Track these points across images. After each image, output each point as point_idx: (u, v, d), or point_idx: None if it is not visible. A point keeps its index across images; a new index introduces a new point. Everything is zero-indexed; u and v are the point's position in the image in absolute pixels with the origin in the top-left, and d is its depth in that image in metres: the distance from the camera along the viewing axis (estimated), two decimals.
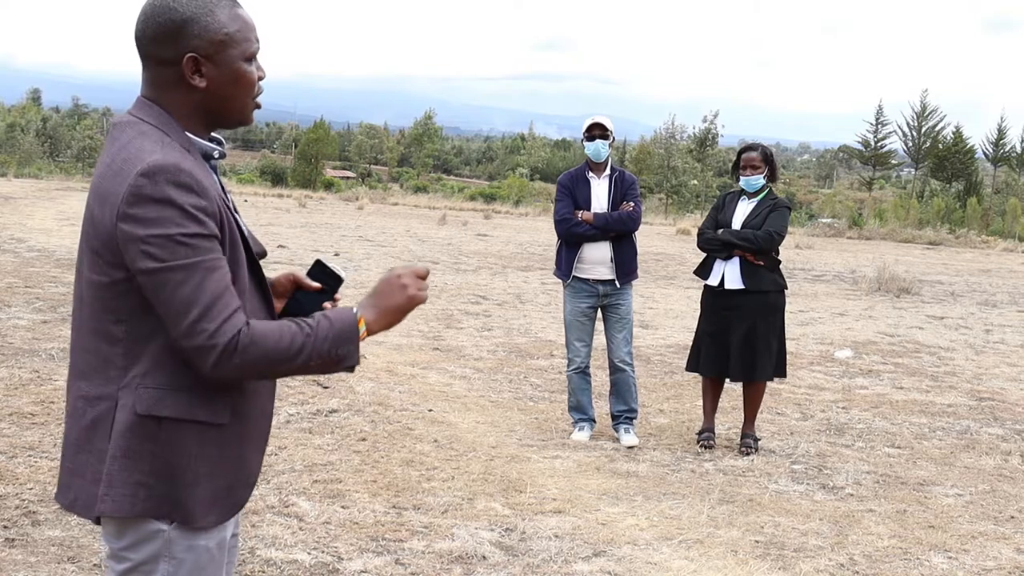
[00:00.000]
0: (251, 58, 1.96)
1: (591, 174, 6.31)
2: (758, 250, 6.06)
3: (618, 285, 6.22)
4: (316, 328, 1.87)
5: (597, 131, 6.27)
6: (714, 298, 6.16)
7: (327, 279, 2.11)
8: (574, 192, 6.26)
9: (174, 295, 1.78)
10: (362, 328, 1.92)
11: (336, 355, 1.89)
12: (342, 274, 2.11)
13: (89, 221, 1.88)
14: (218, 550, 1.97)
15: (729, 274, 6.10)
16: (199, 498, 1.90)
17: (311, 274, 2.12)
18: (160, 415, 1.85)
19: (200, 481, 1.90)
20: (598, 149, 6.26)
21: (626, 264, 6.24)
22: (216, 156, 1.98)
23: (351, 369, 1.93)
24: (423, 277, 2.01)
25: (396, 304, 1.98)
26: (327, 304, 2.09)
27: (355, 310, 1.93)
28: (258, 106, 2.02)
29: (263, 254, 2.13)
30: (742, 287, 6.06)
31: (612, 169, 6.34)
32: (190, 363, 1.83)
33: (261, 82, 2.01)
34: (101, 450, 1.88)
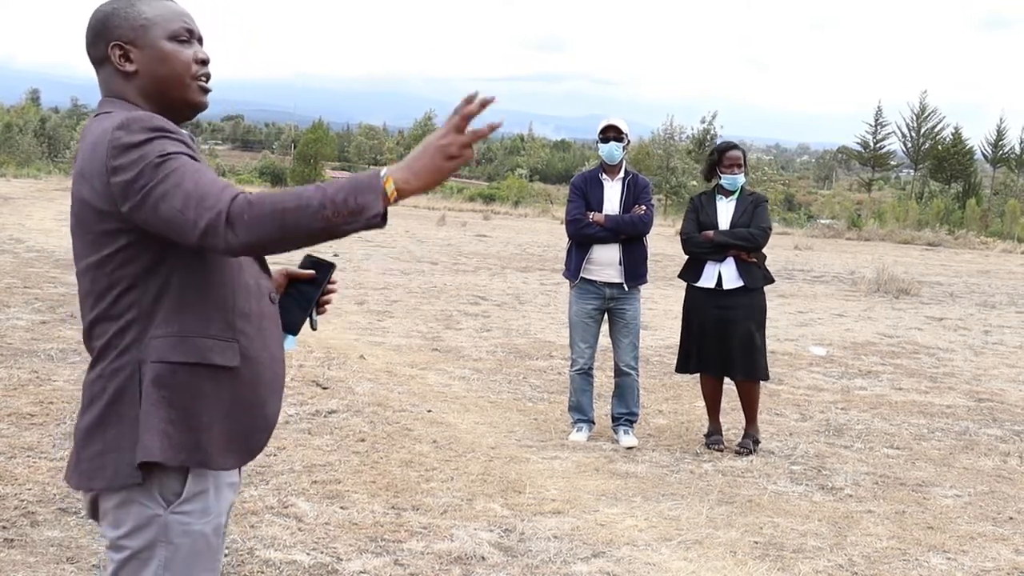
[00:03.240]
0: (176, 37, 2.03)
1: (604, 176, 6.30)
2: (755, 248, 6.09)
3: (626, 288, 6.20)
4: (333, 184, 1.82)
5: (611, 133, 6.24)
6: (708, 299, 6.14)
7: (319, 268, 2.22)
8: (587, 193, 6.25)
9: (172, 202, 1.83)
10: (389, 185, 1.80)
11: (356, 204, 1.78)
12: (333, 260, 2.23)
13: (79, 207, 1.96)
14: (214, 535, 2.01)
15: (726, 274, 6.10)
16: (215, 440, 1.97)
17: (303, 266, 2.23)
18: (172, 360, 1.93)
19: (215, 423, 1.97)
20: (612, 151, 6.24)
21: (635, 267, 6.22)
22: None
23: (378, 223, 1.80)
24: (463, 130, 1.83)
25: (432, 164, 1.83)
26: (328, 288, 2.21)
27: (383, 170, 1.83)
28: (205, 90, 2.08)
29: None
30: (741, 285, 6.08)
31: (626, 172, 6.32)
32: (210, 249, 1.84)
33: (206, 66, 2.07)
34: (134, 416, 1.93)
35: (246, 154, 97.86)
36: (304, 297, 2.21)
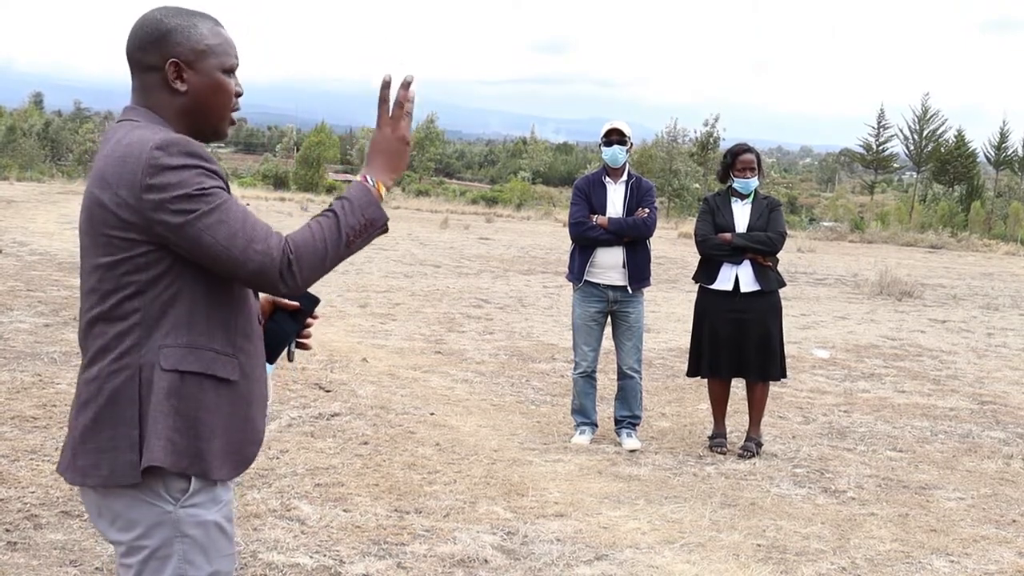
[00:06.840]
0: (229, 71, 2.11)
1: (608, 179, 6.30)
2: (772, 251, 6.10)
3: (630, 291, 6.20)
4: (343, 211, 2.03)
5: (615, 136, 6.24)
6: (723, 302, 6.12)
7: (304, 300, 2.27)
8: (590, 196, 6.25)
9: (216, 235, 1.94)
10: (381, 190, 2.09)
11: (366, 220, 2.06)
12: (317, 296, 2.27)
13: (96, 209, 2.00)
14: (227, 522, 2.08)
15: (743, 277, 6.09)
16: (215, 451, 2.03)
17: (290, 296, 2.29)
18: (184, 370, 1.99)
19: (216, 435, 2.03)
20: (615, 154, 6.24)
21: (639, 270, 6.22)
22: None
23: (386, 229, 2.12)
24: (405, 106, 2.12)
25: (400, 155, 2.14)
26: (308, 322, 2.29)
27: (368, 179, 2.09)
28: (233, 122, 2.17)
29: None
30: (758, 288, 6.08)
31: (629, 175, 6.32)
32: (256, 286, 2.01)
33: (239, 99, 2.16)
34: (131, 417, 1.99)
35: (248, 157, 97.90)
36: (283, 329, 2.26)
